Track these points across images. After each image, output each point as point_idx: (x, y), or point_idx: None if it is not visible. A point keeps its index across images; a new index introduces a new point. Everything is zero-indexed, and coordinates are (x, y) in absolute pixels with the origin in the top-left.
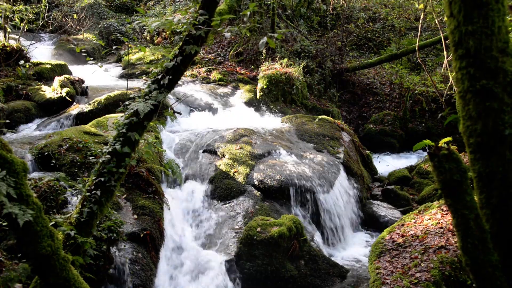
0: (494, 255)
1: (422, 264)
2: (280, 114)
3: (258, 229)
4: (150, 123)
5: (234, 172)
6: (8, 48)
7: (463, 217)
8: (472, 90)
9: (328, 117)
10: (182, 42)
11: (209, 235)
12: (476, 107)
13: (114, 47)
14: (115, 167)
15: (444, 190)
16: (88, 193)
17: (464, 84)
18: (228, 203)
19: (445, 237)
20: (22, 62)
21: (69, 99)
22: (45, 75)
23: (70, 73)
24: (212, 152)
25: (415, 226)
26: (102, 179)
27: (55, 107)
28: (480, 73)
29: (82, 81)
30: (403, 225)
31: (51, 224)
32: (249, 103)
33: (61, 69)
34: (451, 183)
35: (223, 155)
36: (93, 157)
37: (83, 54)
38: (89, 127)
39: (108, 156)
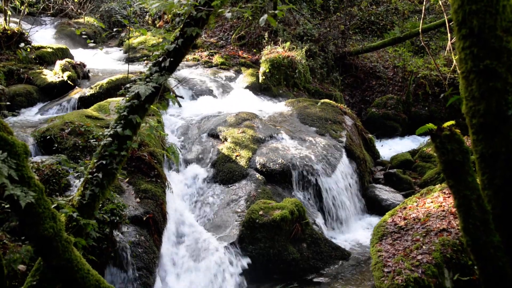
0: (495, 236)
1: (424, 247)
2: (282, 98)
3: (261, 212)
4: (152, 106)
5: (236, 156)
6: (8, 32)
7: (465, 198)
8: (476, 70)
9: (331, 101)
10: (183, 24)
11: (211, 218)
12: (480, 87)
13: (115, 29)
14: (116, 150)
15: (446, 171)
16: (90, 176)
17: (467, 64)
18: (231, 186)
19: (447, 220)
20: (22, 45)
21: (70, 83)
22: (46, 59)
23: (71, 57)
24: (214, 136)
25: (417, 209)
26: (104, 161)
27: (57, 91)
28: (484, 53)
29: (84, 65)
30: (405, 208)
31: (53, 206)
32: (251, 87)
33: (63, 53)
34: (453, 163)
35: (225, 139)
36: (94, 140)
37: (84, 37)
38: (91, 111)
39: (110, 139)
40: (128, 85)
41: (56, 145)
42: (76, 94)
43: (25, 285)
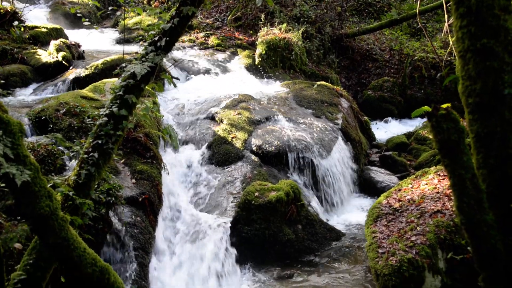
0: (489, 214)
1: (418, 228)
2: (278, 80)
3: (256, 194)
4: (147, 87)
5: (232, 137)
6: (1, 10)
7: (459, 177)
8: (473, 49)
9: (327, 83)
10: (179, 3)
11: (207, 199)
12: (476, 66)
13: (110, 8)
14: (112, 130)
15: (442, 150)
16: (85, 155)
17: (464, 43)
18: (226, 168)
19: (441, 202)
20: (16, 23)
21: (65, 63)
22: (40, 39)
23: (66, 37)
24: (210, 117)
25: (412, 191)
26: (100, 141)
27: (51, 71)
28: (481, 31)
29: (79, 46)
30: (400, 190)
31: (49, 185)
32: (247, 68)
33: (57, 33)
34: (448, 143)
35: (221, 121)
36: (90, 120)
37: (78, 15)
38: (86, 91)
39: (105, 118)
40: (123, 65)
41: (51, 126)
42: (71, 74)
43: (21, 264)
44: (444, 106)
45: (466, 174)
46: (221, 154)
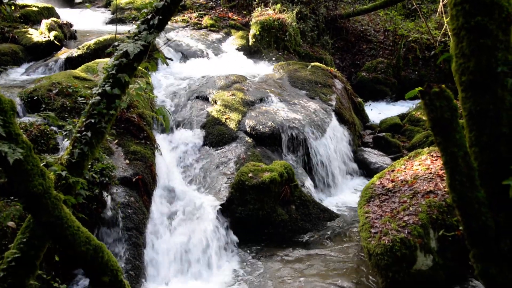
0: (481, 192)
1: (411, 208)
2: (272, 61)
3: (250, 175)
4: (140, 67)
5: (226, 118)
6: None
7: (452, 155)
8: (467, 27)
9: (321, 64)
10: None
11: (201, 180)
12: (470, 44)
13: None
14: (105, 109)
15: (435, 128)
16: (78, 134)
17: (458, 21)
18: (220, 149)
19: (434, 182)
20: (6, 0)
21: (57, 43)
22: (31, 18)
23: (57, 16)
24: (204, 98)
25: (405, 171)
26: (92, 120)
27: (43, 51)
28: (475, 9)
29: (71, 25)
30: (393, 171)
31: (42, 164)
32: (241, 49)
33: (48, 12)
34: (441, 121)
35: (215, 102)
36: (83, 99)
37: None
38: (78, 71)
39: (98, 97)
40: (116, 43)
41: (43, 106)
42: (63, 54)
43: (15, 243)
44: None
45: (458, 152)
46: (215, 135)
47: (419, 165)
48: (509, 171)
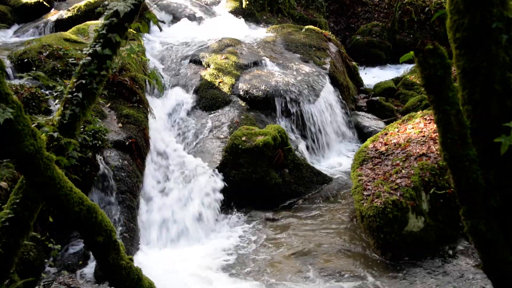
0: (472, 149)
1: (403, 171)
2: (266, 24)
3: (243, 138)
4: (131, 29)
5: (219, 82)
6: None
7: (444, 113)
8: None
9: (315, 28)
10: None
11: (194, 144)
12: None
13: None
14: (96, 70)
15: (428, 86)
16: (69, 95)
17: None
18: (213, 113)
19: (427, 145)
20: None
21: (46, 4)
22: None
23: None
24: (197, 62)
25: (398, 135)
26: (84, 81)
27: (32, 12)
28: None
29: None
30: (386, 134)
31: (33, 125)
32: (234, 12)
33: None
34: (434, 78)
35: (208, 65)
36: (73, 59)
37: None
38: (69, 34)
39: (89, 58)
40: (106, 2)
41: (34, 69)
42: (53, 16)
43: (8, 203)
44: None
45: (451, 110)
46: (208, 98)
47: (412, 128)
48: (501, 129)
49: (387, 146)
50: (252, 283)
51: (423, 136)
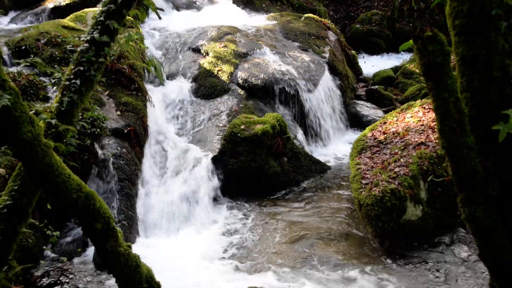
0: (470, 137)
1: (402, 160)
2: (265, 12)
3: (242, 127)
4: (129, 17)
5: (218, 70)
6: None
7: (443, 100)
8: None
9: (315, 16)
10: None
11: (193, 132)
12: None
13: None
14: (94, 56)
15: (426, 73)
16: (67, 82)
17: None
18: (212, 101)
19: (425, 134)
20: None
21: None
22: None
23: None
24: (196, 50)
25: (397, 124)
26: (81, 68)
27: None
28: None
29: None
30: (385, 123)
31: (31, 112)
32: (234, 0)
33: None
34: (433, 65)
35: (207, 53)
36: (71, 46)
37: None
38: (67, 21)
39: (87, 44)
40: None
41: (32, 56)
42: (50, 3)
43: (6, 190)
44: None
45: (449, 97)
46: (207, 87)
47: (411, 117)
48: (499, 116)
49: (385, 135)
50: (257, 275)
51: (422, 125)
